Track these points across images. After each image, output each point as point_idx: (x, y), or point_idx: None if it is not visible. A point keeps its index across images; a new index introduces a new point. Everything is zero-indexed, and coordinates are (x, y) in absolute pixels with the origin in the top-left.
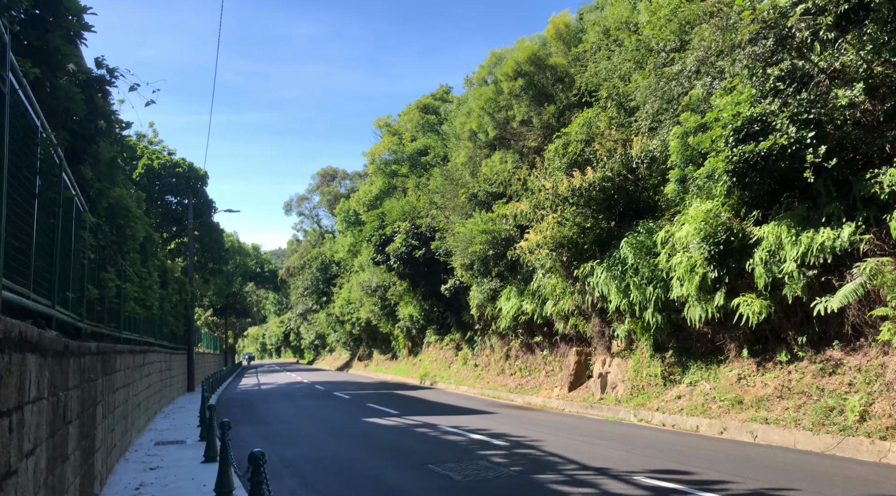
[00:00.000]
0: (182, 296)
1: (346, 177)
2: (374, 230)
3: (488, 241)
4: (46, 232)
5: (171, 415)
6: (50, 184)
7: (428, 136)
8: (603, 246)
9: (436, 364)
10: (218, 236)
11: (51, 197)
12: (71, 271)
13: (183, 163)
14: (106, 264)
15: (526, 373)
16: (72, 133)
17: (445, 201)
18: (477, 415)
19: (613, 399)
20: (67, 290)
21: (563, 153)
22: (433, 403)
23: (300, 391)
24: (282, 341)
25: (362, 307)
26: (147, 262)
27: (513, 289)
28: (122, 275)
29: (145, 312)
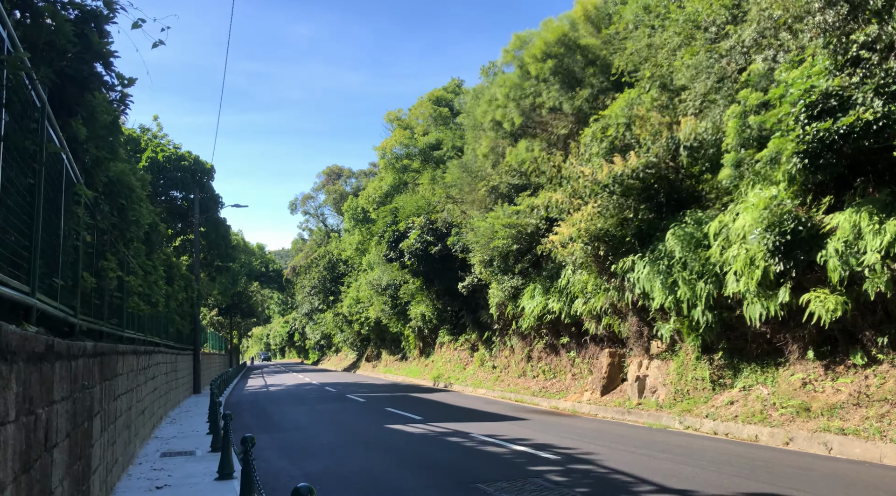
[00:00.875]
0: (188, 294)
1: (351, 175)
2: (386, 226)
3: (512, 236)
4: (22, 195)
5: (177, 419)
6: (26, 130)
7: (440, 130)
8: (643, 239)
9: (449, 365)
10: (225, 232)
11: (27, 147)
12: (60, 252)
13: (189, 156)
14: (106, 251)
15: (550, 375)
16: (59, 74)
17: (463, 195)
18: (508, 422)
19: (654, 404)
20: (55, 276)
21: (601, 138)
22: (456, 408)
23: (310, 393)
24: (286, 341)
25: (371, 306)
26: (152, 255)
27: (537, 286)
28: (125, 266)
29: (150, 309)
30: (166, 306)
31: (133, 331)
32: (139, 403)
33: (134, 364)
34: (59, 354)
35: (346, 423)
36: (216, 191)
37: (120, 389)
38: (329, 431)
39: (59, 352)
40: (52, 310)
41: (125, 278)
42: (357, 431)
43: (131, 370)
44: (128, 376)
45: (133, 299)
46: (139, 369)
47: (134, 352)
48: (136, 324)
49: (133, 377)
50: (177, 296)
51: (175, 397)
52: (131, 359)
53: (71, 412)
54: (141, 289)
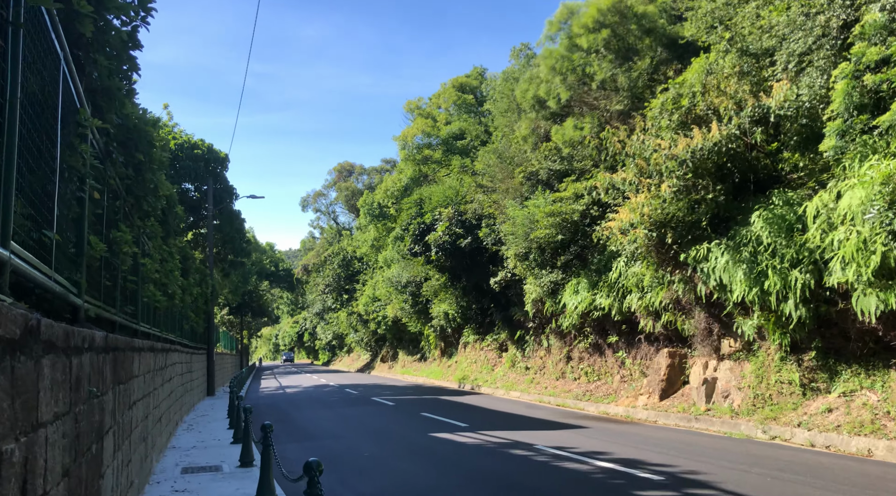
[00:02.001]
0: (202, 289)
1: (363, 172)
2: (411, 218)
3: (556, 225)
4: None
5: (194, 426)
6: None
7: (464, 119)
8: (718, 224)
9: (476, 366)
10: (240, 226)
11: None
12: (55, 195)
13: (202, 144)
14: (118, 220)
15: (594, 377)
16: None
17: (496, 183)
18: (567, 431)
19: (727, 410)
20: (47, 227)
21: (671, 109)
22: (497, 413)
23: (331, 395)
24: (295, 342)
25: (389, 305)
26: (168, 240)
27: (582, 281)
28: (140, 245)
29: (167, 301)
30: (182, 300)
31: (148, 326)
32: (156, 410)
33: (151, 363)
34: (51, 345)
35: (383, 430)
36: (230, 182)
37: (136, 394)
38: (368, 440)
39: (49, 341)
40: (41, 277)
41: (141, 260)
42: (400, 440)
43: (148, 371)
44: (144, 378)
45: (149, 288)
46: (156, 369)
47: (151, 350)
48: (151, 317)
49: (150, 379)
50: (192, 291)
51: (190, 400)
52: (148, 357)
53: (71, 435)
54: (157, 276)
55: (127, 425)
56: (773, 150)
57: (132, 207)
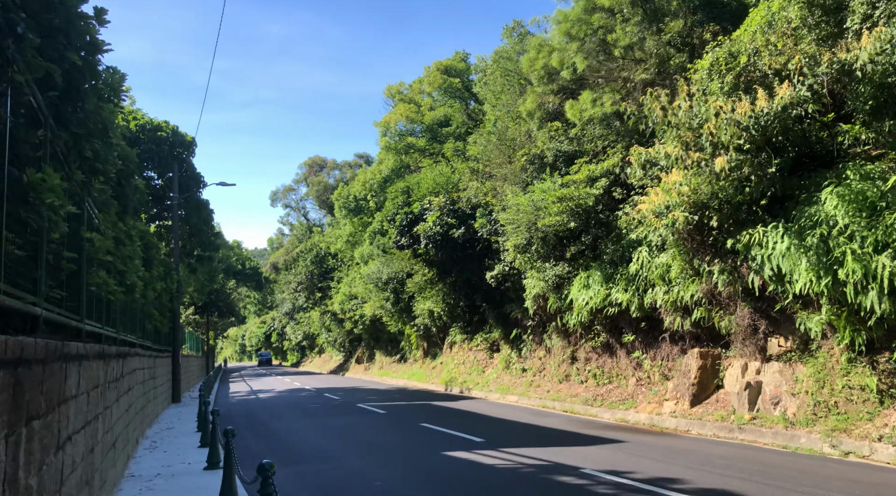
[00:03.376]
0: (167, 285)
1: (335, 167)
2: (398, 207)
3: (567, 211)
4: None
5: (158, 443)
6: None
7: (450, 104)
8: (771, 205)
9: (463, 368)
10: (207, 216)
11: None
12: None
13: (166, 126)
14: (41, 160)
15: (604, 380)
16: None
17: (493, 168)
18: (603, 447)
19: (780, 420)
20: None
21: (724, 70)
22: (507, 423)
23: (310, 401)
24: (262, 342)
25: (367, 303)
26: (127, 218)
27: (594, 274)
28: (84, 210)
29: (124, 295)
30: (143, 296)
31: (99, 325)
32: (108, 434)
33: (100, 375)
34: None
35: (385, 447)
36: (197, 169)
37: (73, 424)
38: (371, 461)
39: None
40: None
41: (86, 233)
42: (411, 461)
43: (95, 385)
44: (89, 397)
45: (100, 274)
46: (109, 382)
47: (101, 356)
48: (104, 314)
49: (99, 396)
50: (155, 286)
51: (153, 410)
52: (96, 367)
53: None
54: (110, 259)
55: (55, 475)
56: (828, 121)
57: (68, 149)
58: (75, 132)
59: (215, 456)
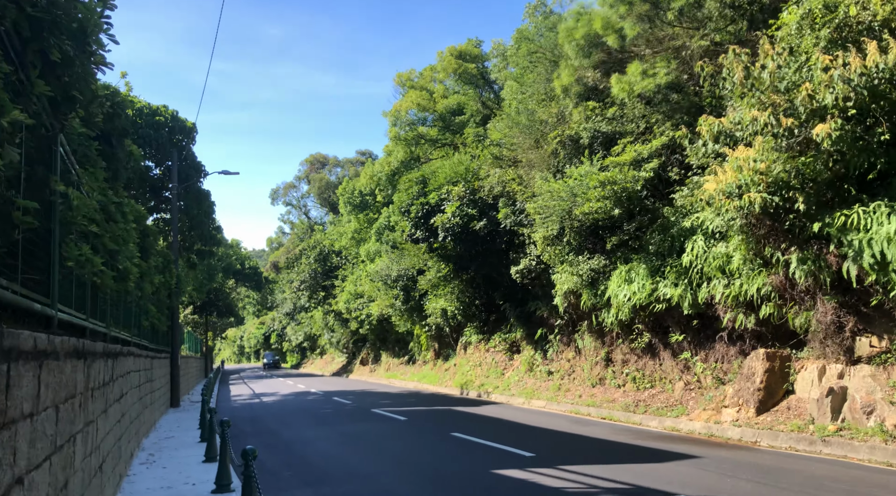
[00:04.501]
0: (166, 279)
1: (337, 164)
2: (412, 198)
3: (610, 197)
4: None
5: (156, 456)
6: None
7: (464, 91)
8: (870, 182)
9: (480, 370)
10: (208, 208)
11: None
12: None
13: (164, 110)
14: None
15: (645, 384)
16: None
17: (519, 153)
18: (676, 463)
19: (877, 431)
20: None
21: (819, 24)
22: (547, 433)
23: (320, 406)
24: (261, 344)
25: (375, 302)
26: (118, 186)
27: (637, 267)
28: (57, 154)
29: (115, 281)
30: (140, 287)
31: (80, 315)
32: (93, 456)
33: (76, 380)
34: None
35: (420, 463)
36: (198, 157)
37: (24, 457)
38: (412, 483)
39: None
40: None
41: (58, 184)
42: (459, 484)
43: (68, 396)
44: (58, 412)
45: (81, 247)
46: (93, 389)
47: (77, 355)
48: (89, 303)
49: (75, 410)
50: (152, 278)
51: (150, 417)
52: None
53: None
54: (96, 231)
55: None
56: None
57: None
58: (33, 15)
59: (225, 477)
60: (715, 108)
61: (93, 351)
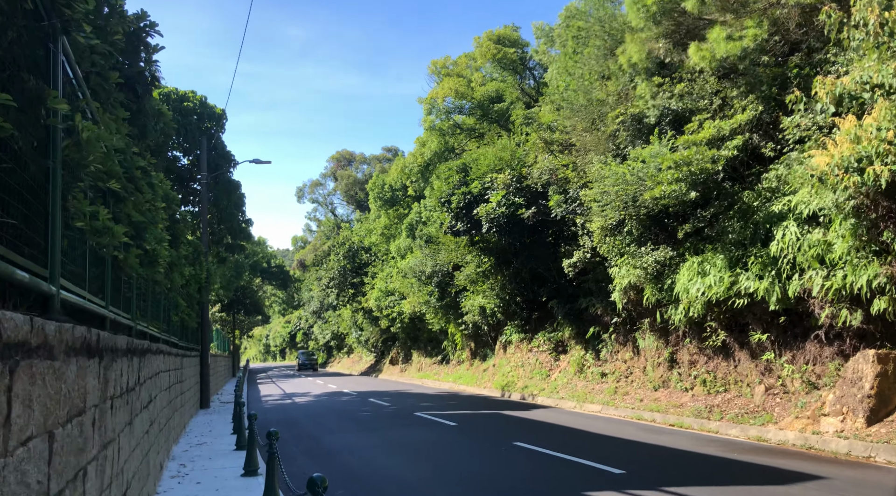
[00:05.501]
0: (196, 271)
1: (364, 161)
2: (453, 187)
3: (687, 179)
4: None
5: (188, 466)
6: None
7: (503, 78)
8: None
9: (522, 371)
10: (238, 200)
11: None
12: None
13: (193, 96)
14: None
15: (717, 387)
16: None
17: (574, 136)
18: (800, 485)
19: None
20: None
21: None
22: (625, 443)
23: (357, 408)
24: (287, 343)
25: (406, 299)
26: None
27: (713, 257)
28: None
29: (139, 261)
30: (169, 278)
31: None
32: (113, 486)
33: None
34: None
35: (492, 480)
36: (227, 147)
37: None
38: None
39: None
40: None
41: (58, 101)
42: None
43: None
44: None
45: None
46: (113, 397)
47: (88, 352)
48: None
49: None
50: (182, 269)
51: (180, 421)
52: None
53: None
54: (118, 190)
55: None
56: None
57: None
58: None
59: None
60: (804, 79)
61: (112, 346)
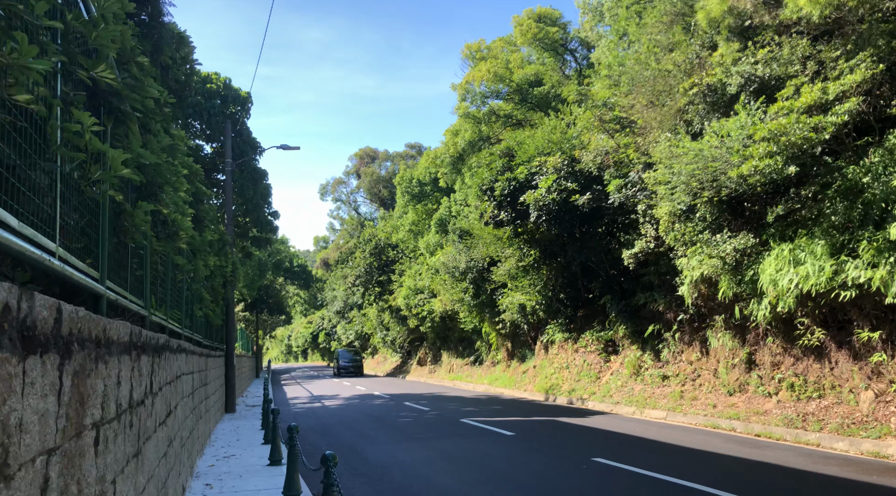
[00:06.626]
0: (221, 262)
1: (387, 158)
2: (496, 173)
3: (783, 152)
4: None
5: (216, 487)
6: None
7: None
8: None
9: (567, 373)
10: (265, 190)
11: None
12: None
13: (216, 78)
14: None
15: (810, 393)
16: None
17: (634, 114)
18: None
19: None
20: None
21: None
22: (723, 459)
23: (394, 412)
24: (309, 343)
25: (437, 297)
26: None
27: (811, 243)
28: None
29: (153, 233)
30: (193, 264)
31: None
32: None
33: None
34: None
35: None
36: (253, 134)
37: None
38: None
39: None
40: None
41: None
42: None
43: None
44: None
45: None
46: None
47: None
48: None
49: None
50: (207, 259)
51: (204, 429)
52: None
53: None
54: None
55: None
56: None
57: None
58: None
59: None
60: None
61: (106, 338)
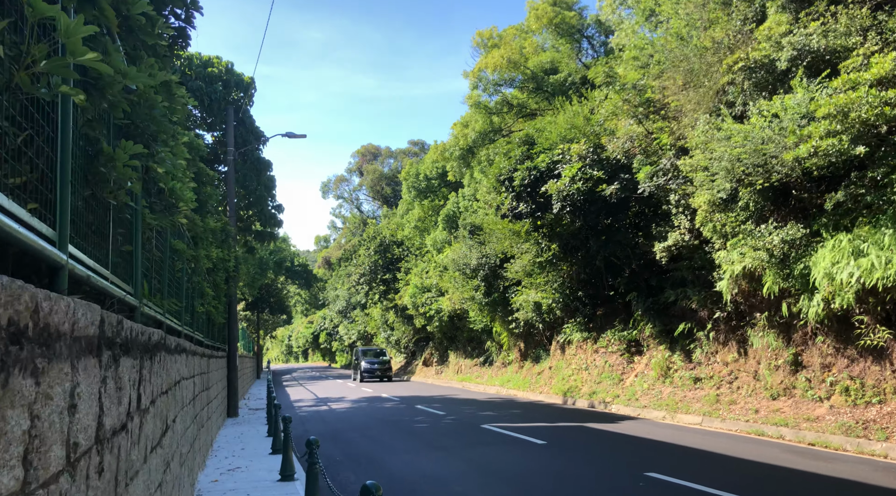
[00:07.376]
0: (224, 255)
1: (390, 155)
2: (515, 162)
3: (850, 129)
4: None
5: None
6: None
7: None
8: None
9: (587, 375)
10: (268, 181)
11: None
12: None
13: (218, 62)
14: None
15: (868, 398)
16: None
17: (668, 96)
18: None
19: None
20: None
21: None
22: (794, 475)
23: (408, 417)
24: (310, 343)
25: (446, 296)
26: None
27: (877, 233)
28: None
29: (139, 183)
30: (193, 255)
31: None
32: None
33: None
34: None
35: None
36: (256, 122)
37: None
38: None
39: None
40: None
41: None
42: None
43: None
44: None
45: None
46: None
47: None
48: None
49: None
50: (209, 250)
51: (206, 438)
52: None
53: None
54: None
55: None
56: None
57: None
58: None
59: None
60: None
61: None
